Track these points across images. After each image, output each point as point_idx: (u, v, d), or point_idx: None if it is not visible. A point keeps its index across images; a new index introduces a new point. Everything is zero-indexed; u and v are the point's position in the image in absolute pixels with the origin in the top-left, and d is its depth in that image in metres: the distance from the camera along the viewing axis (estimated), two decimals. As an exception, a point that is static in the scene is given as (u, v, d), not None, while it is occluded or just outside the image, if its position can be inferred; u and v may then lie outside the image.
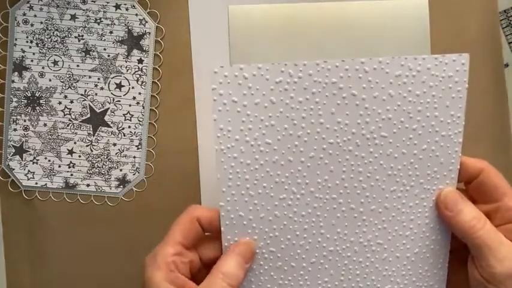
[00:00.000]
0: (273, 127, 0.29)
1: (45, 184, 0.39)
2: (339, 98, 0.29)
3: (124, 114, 0.38)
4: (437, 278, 0.33)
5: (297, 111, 0.29)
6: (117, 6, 0.38)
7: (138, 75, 0.38)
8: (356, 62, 0.29)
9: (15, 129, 0.38)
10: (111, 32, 0.38)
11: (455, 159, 0.31)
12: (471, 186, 0.33)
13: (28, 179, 0.38)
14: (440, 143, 0.31)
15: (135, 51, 0.38)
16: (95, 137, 0.38)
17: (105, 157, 0.38)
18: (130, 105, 0.38)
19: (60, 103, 0.38)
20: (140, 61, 0.38)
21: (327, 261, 0.32)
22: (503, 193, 0.30)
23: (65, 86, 0.38)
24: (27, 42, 0.38)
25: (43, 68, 0.38)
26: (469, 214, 0.30)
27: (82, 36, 0.38)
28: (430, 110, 0.30)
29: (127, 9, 0.38)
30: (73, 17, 0.38)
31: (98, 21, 0.38)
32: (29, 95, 0.38)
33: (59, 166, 0.39)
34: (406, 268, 0.33)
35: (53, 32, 0.38)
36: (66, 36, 0.38)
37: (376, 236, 0.32)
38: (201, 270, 0.31)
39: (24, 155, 0.38)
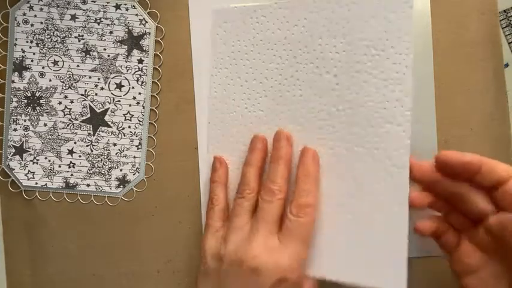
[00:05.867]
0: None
1: (45, 184, 0.39)
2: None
3: (124, 114, 0.38)
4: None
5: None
6: (117, 7, 0.38)
7: (138, 75, 0.38)
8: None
9: (15, 129, 0.38)
10: (111, 32, 0.38)
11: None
12: (499, 193, 0.31)
13: (28, 179, 0.38)
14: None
15: (135, 51, 0.38)
16: (95, 137, 0.38)
17: (105, 157, 0.38)
18: (130, 105, 0.38)
19: (60, 103, 0.38)
20: (140, 61, 0.38)
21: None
22: None
23: (65, 86, 0.38)
24: (27, 42, 0.38)
25: (43, 68, 0.38)
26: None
27: (82, 36, 0.38)
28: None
29: (127, 9, 0.38)
30: (73, 17, 0.38)
31: (98, 21, 0.38)
32: (29, 95, 0.38)
33: (59, 166, 0.39)
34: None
35: (53, 32, 0.38)
36: (66, 36, 0.38)
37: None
38: None
39: (24, 155, 0.38)
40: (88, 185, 0.39)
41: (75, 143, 0.38)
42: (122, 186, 0.39)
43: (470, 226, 0.33)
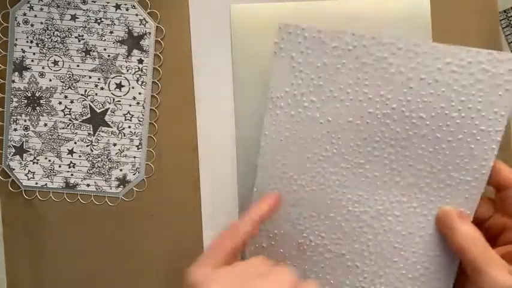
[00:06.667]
0: (320, 87, 0.31)
1: (46, 184, 0.39)
2: (387, 73, 0.31)
3: (124, 114, 0.38)
4: (447, 266, 0.33)
5: (345, 77, 0.31)
6: (118, 7, 0.38)
7: (138, 75, 0.38)
8: (410, 43, 0.30)
9: (15, 129, 0.38)
10: (111, 32, 0.38)
11: (490, 156, 0.31)
12: (499, 196, 0.32)
13: (28, 179, 0.38)
14: (477, 136, 0.31)
15: (135, 52, 0.38)
16: (95, 137, 0.38)
17: (105, 157, 0.38)
18: (130, 105, 0.38)
19: (60, 103, 0.38)
20: (140, 61, 0.38)
21: (343, 219, 0.33)
22: None
23: (65, 86, 0.38)
24: (27, 42, 0.38)
25: (43, 68, 0.38)
26: (462, 234, 0.31)
27: (82, 36, 0.38)
28: (473, 102, 0.30)
29: (127, 10, 0.38)
30: (73, 17, 0.38)
31: (98, 21, 0.38)
32: (29, 95, 0.38)
33: (59, 166, 0.39)
34: (418, 247, 0.33)
35: (53, 32, 0.38)
36: (66, 36, 0.38)
37: (394, 207, 0.33)
38: None
39: (24, 155, 0.38)
40: (88, 185, 0.39)
41: (75, 143, 0.38)
42: (122, 186, 0.39)
43: None
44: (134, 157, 0.39)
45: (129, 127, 0.38)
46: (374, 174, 0.33)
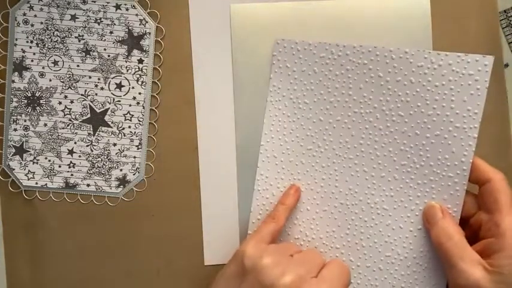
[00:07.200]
0: (312, 91, 0.36)
1: (46, 184, 0.39)
2: (367, 77, 0.35)
3: (124, 114, 0.38)
4: (439, 264, 0.34)
5: (332, 82, 0.36)
6: (117, 7, 0.38)
7: (138, 75, 0.38)
8: (386, 50, 0.34)
9: (15, 129, 0.38)
10: (111, 32, 0.38)
11: (468, 152, 0.33)
12: (479, 192, 0.33)
13: (28, 179, 0.38)
14: (453, 133, 0.34)
15: (135, 51, 0.38)
16: (95, 137, 0.38)
17: (105, 157, 0.38)
18: (130, 105, 0.38)
19: (60, 103, 0.38)
20: (140, 61, 0.38)
21: (336, 212, 0.36)
22: (499, 209, 0.31)
23: (65, 86, 0.38)
24: (27, 42, 0.38)
25: (43, 68, 0.38)
26: (439, 229, 0.32)
27: (82, 36, 0.38)
28: (447, 101, 0.34)
29: (127, 10, 0.38)
30: (73, 17, 0.38)
31: (98, 21, 0.38)
32: (29, 95, 0.38)
33: (59, 166, 0.39)
34: (408, 242, 0.34)
35: (53, 32, 0.38)
36: (66, 36, 0.38)
37: (383, 201, 0.35)
38: None
39: (24, 155, 0.38)
40: (88, 185, 0.39)
41: (75, 143, 0.38)
42: (122, 186, 0.39)
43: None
44: (134, 157, 0.39)
45: (129, 127, 0.38)
46: (363, 169, 0.36)
